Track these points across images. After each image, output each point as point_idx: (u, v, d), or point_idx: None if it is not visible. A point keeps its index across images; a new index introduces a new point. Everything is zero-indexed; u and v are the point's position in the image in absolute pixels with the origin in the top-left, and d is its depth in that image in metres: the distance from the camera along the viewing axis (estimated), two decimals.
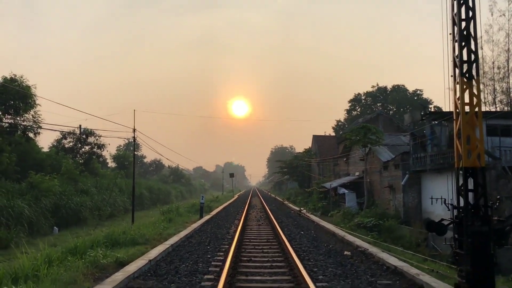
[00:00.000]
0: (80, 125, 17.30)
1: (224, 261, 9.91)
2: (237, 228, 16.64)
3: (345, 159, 39.12)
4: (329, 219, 25.03)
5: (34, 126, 31.80)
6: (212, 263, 10.28)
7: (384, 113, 41.85)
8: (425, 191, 24.10)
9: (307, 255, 11.38)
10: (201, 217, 26.20)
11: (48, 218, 27.56)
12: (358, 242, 14.67)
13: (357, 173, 34.66)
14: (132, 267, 10.31)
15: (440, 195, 21.74)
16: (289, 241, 13.09)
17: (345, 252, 13.02)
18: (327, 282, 8.82)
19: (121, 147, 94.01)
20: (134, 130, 21.98)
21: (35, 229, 25.40)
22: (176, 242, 14.75)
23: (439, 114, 22.51)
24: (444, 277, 9.62)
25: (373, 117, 38.96)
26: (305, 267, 9.25)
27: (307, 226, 20.49)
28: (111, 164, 69.82)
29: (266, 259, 10.56)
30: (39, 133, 34.31)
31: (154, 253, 12.30)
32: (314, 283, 8.24)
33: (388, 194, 27.41)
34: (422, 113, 22.80)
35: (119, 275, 9.46)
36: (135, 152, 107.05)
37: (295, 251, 11.13)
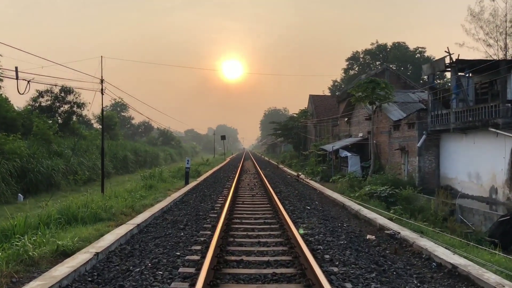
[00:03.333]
0: (16, 67, 13.40)
1: (199, 265, 6.38)
2: (225, 201, 13.16)
3: (346, 119, 35.64)
4: (332, 186, 21.79)
5: None
6: (180, 270, 6.50)
7: (391, 68, 38.04)
8: (445, 155, 20.81)
9: (325, 247, 7.84)
10: (187, 183, 22.91)
11: (12, 184, 24.20)
12: (380, 220, 11.37)
13: (360, 134, 31.27)
14: (66, 266, 6.93)
15: (464, 160, 18.46)
16: (294, 222, 9.65)
17: (368, 236, 9.72)
18: None
19: (107, 108, 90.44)
20: (102, 81, 18.16)
21: None
22: (145, 219, 11.41)
23: (469, 63, 18.89)
24: None
25: (378, 72, 35.21)
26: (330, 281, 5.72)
27: (309, 195, 17.19)
28: (96, 125, 66.39)
29: (266, 258, 6.94)
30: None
31: (109, 239, 8.89)
32: None
33: (399, 158, 24.12)
34: (446, 62, 19.11)
35: (36, 285, 6.07)
36: (122, 113, 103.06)
37: (306, 243, 7.58)
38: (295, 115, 58.49)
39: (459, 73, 19.42)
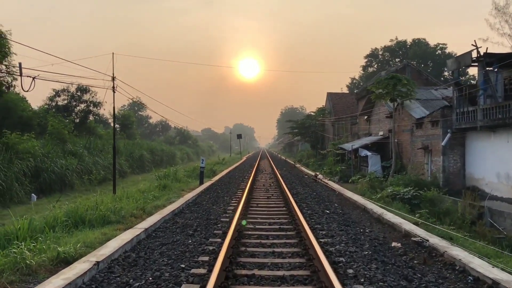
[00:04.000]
0: (20, 63, 12.93)
1: (205, 281, 5.65)
2: (238, 203, 12.45)
3: (366, 117, 34.62)
4: (352, 187, 20.90)
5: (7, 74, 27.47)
6: (182, 287, 5.72)
7: (412, 64, 36.83)
8: (472, 154, 19.74)
9: (347, 259, 6.97)
10: (201, 183, 22.33)
11: (25, 184, 23.97)
12: (405, 225, 10.53)
13: (381, 133, 30.25)
14: (62, 278, 6.32)
15: (492, 159, 17.41)
16: (312, 229, 8.84)
17: (393, 244, 8.92)
18: None
19: (124, 107, 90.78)
20: (113, 79, 17.63)
21: (7, 197, 21.89)
22: (155, 223, 10.81)
23: (497, 56, 17.80)
24: None
25: (398, 69, 34.05)
26: None
27: (328, 197, 16.38)
28: (116, 125, 66.45)
29: (281, 273, 6.15)
30: (12, 86, 29.94)
31: (113, 246, 8.29)
32: None
33: (422, 157, 23.08)
34: (473, 56, 18.03)
35: None
36: (140, 112, 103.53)
37: (326, 254, 6.83)
38: (312, 113, 57.48)
39: (487, 68, 18.33)
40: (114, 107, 18.97)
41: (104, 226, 11.66)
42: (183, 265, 6.54)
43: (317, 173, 27.19)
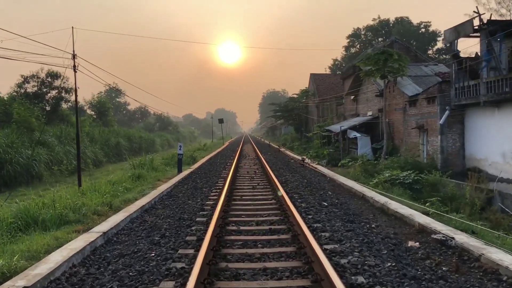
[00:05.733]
0: None
1: None
2: (219, 196, 10.55)
3: (352, 96, 32.92)
4: (343, 171, 19.24)
5: None
6: None
7: (400, 40, 35.16)
8: (472, 132, 18.19)
9: (369, 279, 5.00)
10: (179, 171, 20.42)
11: None
12: (417, 217, 8.84)
13: (369, 113, 28.60)
14: None
15: (497, 138, 15.89)
16: (312, 230, 6.98)
17: (410, 243, 7.22)
18: None
19: (101, 94, 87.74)
20: (73, 56, 15.45)
21: None
22: (118, 223, 8.92)
23: (502, 23, 16.14)
24: None
25: (386, 45, 32.31)
26: None
27: (319, 184, 14.65)
28: (90, 112, 64.01)
29: None
30: None
31: (54, 259, 6.37)
32: None
33: (416, 137, 21.51)
34: (475, 25, 16.33)
35: None
36: (117, 99, 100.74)
37: (339, 271, 4.94)
38: (295, 95, 55.62)
39: (490, 37, 16.66)
40: (76, 89, 16.79)
41: (60, 228, 9.81)
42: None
43: (304, 157, 25.49)
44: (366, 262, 5.40)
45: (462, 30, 17.38)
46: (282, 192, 10.60)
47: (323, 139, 32.30)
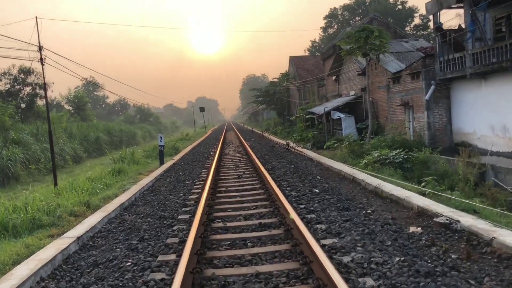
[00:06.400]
0: None
1: None
2: (203, 189, 9.84)
3: (334, 77, 32.34)
4: (330, 154, 18.72)
5: None
6: None
7: (379, 16, 34.56)
8: (459, 107, 17.78)
9: (380, 280, 4.40)
10: (161, 163, 19.69)
11: None
12: (415, 199, 8.32)
13: (352, 93, 28.08)
14: None
15: (485, 110, 15.50)
16: (306, 222, 6.35)
17: (411, 229, 6.69)
18: None
19: (78, 88, 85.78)
20: (40, 48, 14.45)
21: None
22: (94, 225, 8.23)
23: None
24: None
25: (365, 23, 31.71)
26: None
27: (306, 168, 14.08)
28: (67, 107, 62.49)
29: None
30: None
31: (19, 274, 5.64)
32: None
33: (402, 115, 21.07)
34: None
35: None
36: (95, 93, 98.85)
37: (344, 275, 4.10)
38: (276, 79, 54.85)
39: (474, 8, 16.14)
40: (44, 83, 15.81)
41: (33, 233, 9.09)
42: None
43: (289, 141, 24.91)
44: (372, 259, 4.79)
45: (445, 1, 16.82)
46: (283, 199, 9.92)
47: (306, 122, 31.76)
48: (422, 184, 10.07)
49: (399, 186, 9.96)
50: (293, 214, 6.30)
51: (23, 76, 44.21)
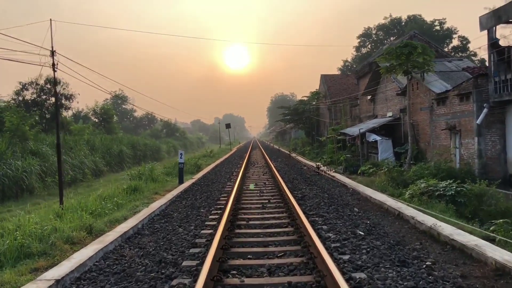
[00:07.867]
0: None
1: None
2: (219, 221, 8.14)
3: (369, 96, 30.42)
4: (366, 180, 16.77)
5: None
6: None
7: (419, 34, 32.64)
8: None
9: None
10: (181, 182, 18.21)
11: None
12: (488, 250, 6.40)
13: (389, 114, 26.10)
14: None
15: None
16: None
17: None
18: None
19: (107, 101, 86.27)
20: (52, 53, 13.25)
21: None
22: (84, 262, 6.69)
23: None
24: None
25: (404, 40, 29.86)
26: None
27: (341, 197, 12.24)
28: (94, 119, 62.39)
29: None
30: None
31: None
32: None
33: (446, 140, 18.98)
34: None
35: None
36: (123, 106, 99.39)
37: None
38: (305, 98, 53.12)
39: None
40: (55, 89, 14.59)
41: (18, 264, 7.64)
42: None
43: (319, 163, 23.05)
44: None
45: (504, 13, 14.88)
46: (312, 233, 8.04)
47: (337, 143, 29.84)
48: (491, 228, 8.11)
49: (458, 228, 8.05)
50: (336, 274, 4.52)
51: (49, 86, 44.02)
